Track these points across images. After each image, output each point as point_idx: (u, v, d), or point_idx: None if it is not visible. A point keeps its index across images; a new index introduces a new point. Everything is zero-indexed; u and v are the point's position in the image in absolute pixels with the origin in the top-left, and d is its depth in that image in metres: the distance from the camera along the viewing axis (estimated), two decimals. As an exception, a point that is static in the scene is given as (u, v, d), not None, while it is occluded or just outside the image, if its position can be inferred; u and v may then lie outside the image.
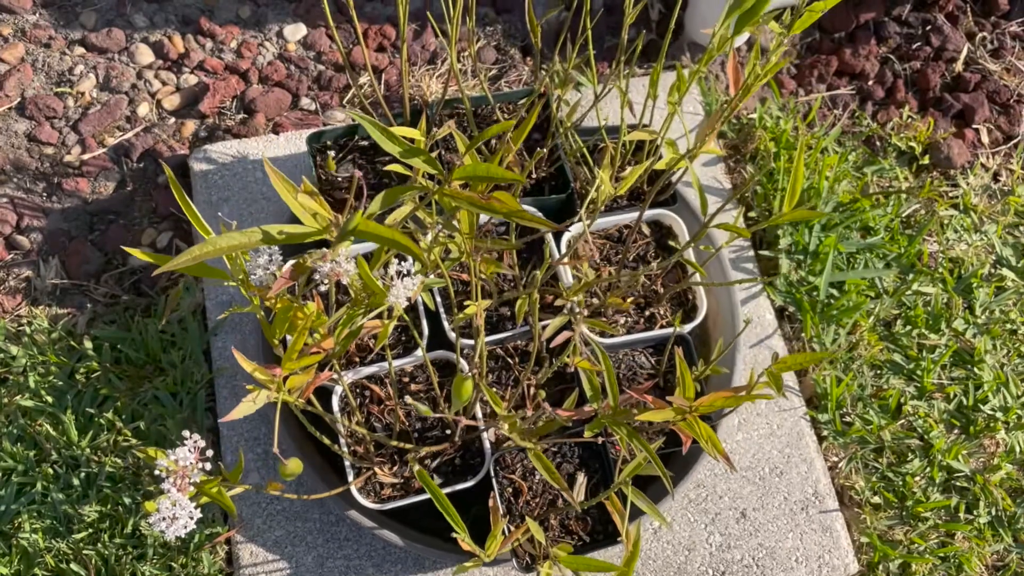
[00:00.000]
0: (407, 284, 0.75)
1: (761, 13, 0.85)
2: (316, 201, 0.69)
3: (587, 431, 0.78)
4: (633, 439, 0.77)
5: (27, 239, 1.38)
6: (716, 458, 0.73)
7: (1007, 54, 1.65)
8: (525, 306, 0.85)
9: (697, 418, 0.76)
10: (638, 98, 1.47)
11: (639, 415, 0.74)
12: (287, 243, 0.70)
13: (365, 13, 1.59)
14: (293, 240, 0.70)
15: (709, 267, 1.31)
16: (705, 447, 0.75)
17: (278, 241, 0.69)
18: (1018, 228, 1.49)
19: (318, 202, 0.70)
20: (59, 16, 1.55)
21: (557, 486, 0.82)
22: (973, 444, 1.32)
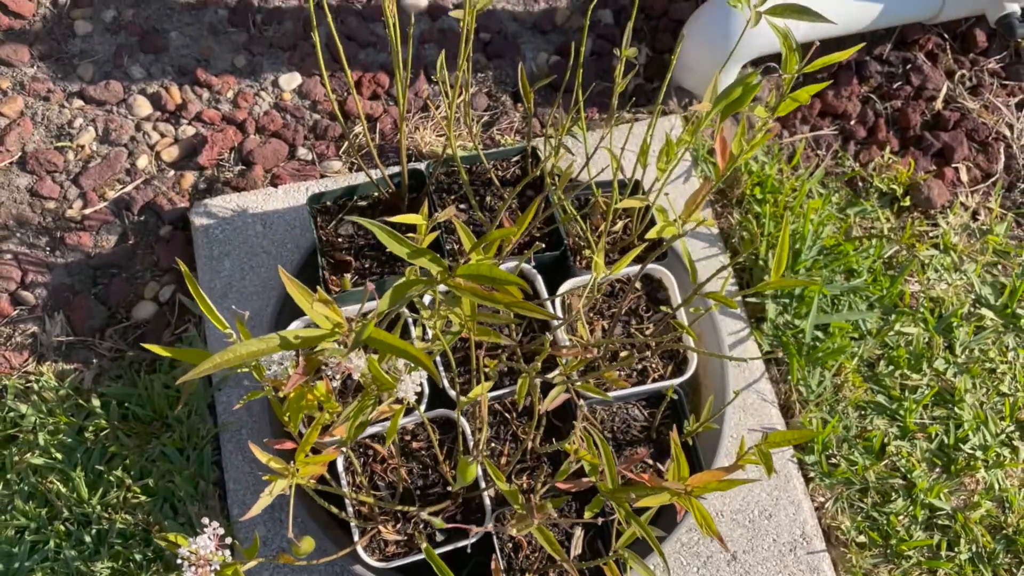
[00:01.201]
0: (414, 378, 0.79)
1: (746, 104, 0.89)
2: (330, 308, 0.73)
3: (587, 511, 0.82)
4: (631, 518, 0.81)
5: (32, 295, 1.41)
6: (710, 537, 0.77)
7: (985, 91, 1.69)
8: (526, 386, 0.89)
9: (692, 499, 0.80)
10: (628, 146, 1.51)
11: (636, 500, 0.78)
12: (302, 347, 0.74)
13: (359, 60, 1.62)
14: (308, 344, 0.74)
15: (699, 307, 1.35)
16: (701, 528, 0.79)
17: (295, 346, 0.73)
18: (996, 267, 1.54)
19: (331, 309, 0.73)
20: (57, 69, 1.57)
21: (559, 558, 0.87)
22: (954, 483, 1.37)
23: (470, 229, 1.26)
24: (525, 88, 1.18)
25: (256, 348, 0.72)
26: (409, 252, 0.79)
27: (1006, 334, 1.48)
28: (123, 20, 1.62)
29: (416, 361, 0.69)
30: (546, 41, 1.67)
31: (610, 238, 1.31)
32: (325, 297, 0.74)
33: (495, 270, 0.77)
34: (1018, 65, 1.72)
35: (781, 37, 0.88)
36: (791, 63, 0.88)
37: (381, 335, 0.71)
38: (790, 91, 0.92)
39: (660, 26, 1.69)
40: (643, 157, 1.13)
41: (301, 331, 0.73)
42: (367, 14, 1.66)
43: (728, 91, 0.89)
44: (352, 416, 0.81)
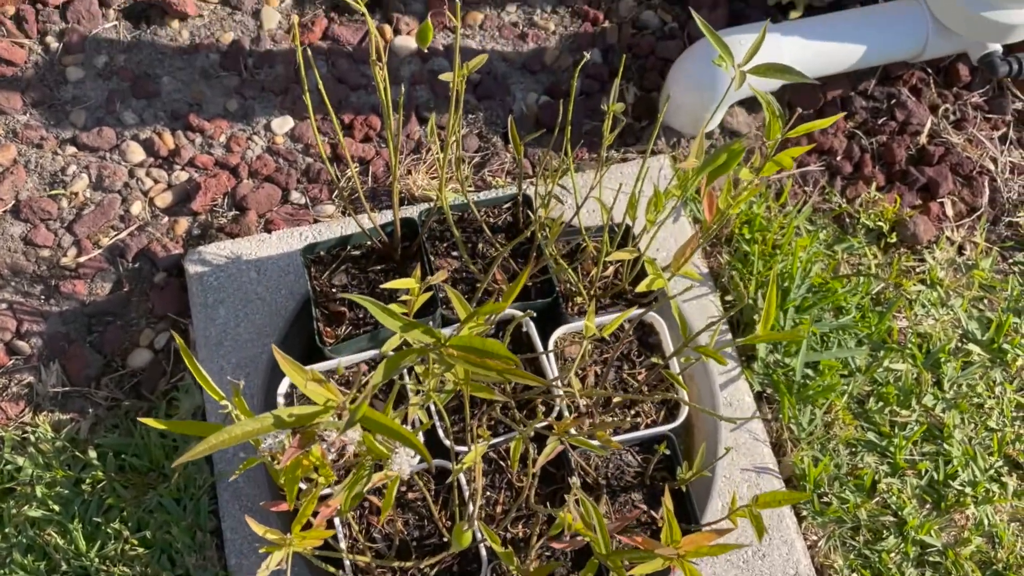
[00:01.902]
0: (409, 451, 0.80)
1: (731, 168, 0.91)
2: (325, 387, 0.74)
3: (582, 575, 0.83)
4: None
5: (27, 344, 1.42)
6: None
7: (969, 125, 1.71)
8: (519, 449, 0.91)
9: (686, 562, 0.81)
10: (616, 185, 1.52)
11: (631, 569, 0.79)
12: (297, 425, 0.75)
13: (351, 103, 1.63)
14: (303, 422, 0.75)
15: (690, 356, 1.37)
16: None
17: (288, 425, 0.74)
18: (982, 301, 1.56)
19: (326, 387, 0.75)
20: (50, 115, 1.59)
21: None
22: (944, 519, 1.38)
23: (463, 278, 1.28)
24: (515, 139, 1.20)
25: (251, 428, 0.73)
26: (402, 326, 0.80)
27: (993, 369, 1.50)
28: (115, 65, 1.63)
29: (410, 445, 0.70)
30: (535, 81, 1.69)
31: (601, 283, 1.32)
32: (319, 376, 0.75)
33: (487, 343, 0.78)
34: (1001, 99, 1.74)
35: (765, 104, 0.90)
36: (774, 129, 0.90)
37: (375, 415, 0.73)
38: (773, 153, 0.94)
39: (647, 65, 1.71)
40: (632, 211, 1.15)
41: (295, 409, 0.75)
42: (358, 56, 1.68)
43: (714, 157, 0.91)
44: (348, 487, 0.82)
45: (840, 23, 1.52)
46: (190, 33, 1.67)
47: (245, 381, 1.36)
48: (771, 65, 0.97)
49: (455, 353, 0.80)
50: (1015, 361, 1.50)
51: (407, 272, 1.28)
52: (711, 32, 0.97)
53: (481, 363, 0.80)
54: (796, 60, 1.49)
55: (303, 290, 1.41)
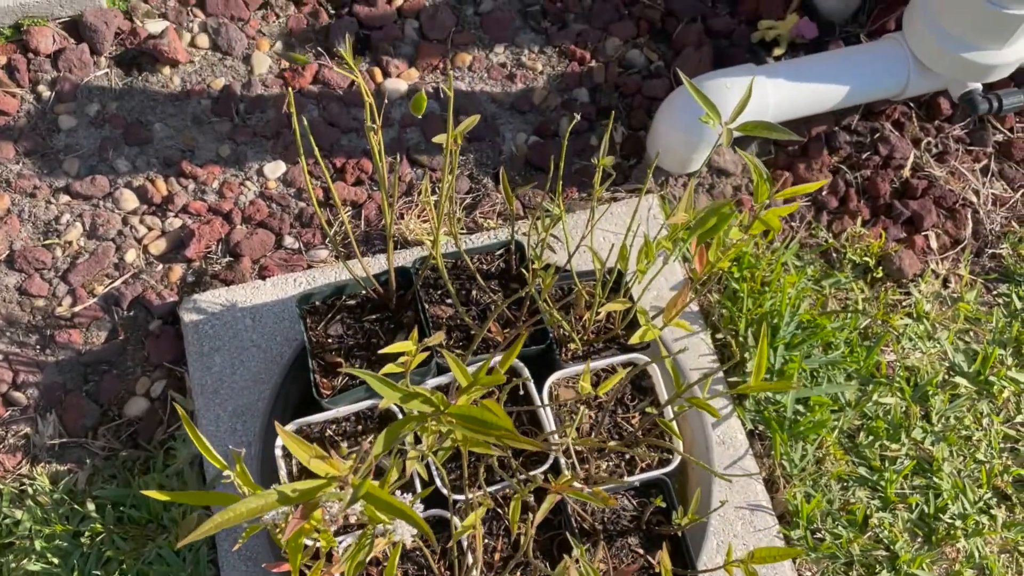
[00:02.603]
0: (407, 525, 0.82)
1: (721, 230, 0.93)
2: (327, 463, 0.76)
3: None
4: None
5: (24, 395, 1.42)
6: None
7: (951, 158, 1.74)
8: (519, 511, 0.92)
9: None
10: (607, 225, 1.54)
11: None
12: (300, 500, 0.76)
13: (342, 146, 1.65)
14: (306, 498, 0.76)
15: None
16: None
17: (293, 501, 0.75)
18: (968, 333, 1.59)
19: (329, 463, 0.76)
20: (42, 164, 1.59)
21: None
22: (935, 552, 1.40)
23: (457, 326, 1.29)
24: (506, 189, 1.22)
25: (255, 506, 0.74)
26: (402, 396, 0.81)
27: (980, 401, 1.52)
28: (107, 113, 1.64)
29: (414, 524, 0.72)
30: (524, 121, 1.71)
31: (594, 327, 1.34)
32: (321, 452, 0.76)
33: (486, 413, 0.79)
34: (982, 131, 1.77)
35: (752, 166, 0.92)
36: (762, 193, 0.92)
37: (378, 492, 0.74)
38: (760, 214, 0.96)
39: (634, 104, 1.73)
40: (623, 262, 1.17)
41: (299, 485, 0.76)
42: (348, 100, 1.69)
43: (704, 219, 0.93)
44: (351, 557, 0.83)
45: (823, 64, 1.55)
46: (181, 79, 1.69)
47: (242, 428, 1.37)
48: (757, 123, 0.99)
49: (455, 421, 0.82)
50: (1001, 393, 1.53)
51: (402, 321, 1.30)
52: (699, 93, 0.99)
53: (481, 430, 0.82)
54: (781, 101, 1.51)
55: (298, 336, 1.42)
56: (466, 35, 1.78)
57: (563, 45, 1.79)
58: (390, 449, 0.79)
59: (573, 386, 1.31)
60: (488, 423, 0.79)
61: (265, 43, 1.73)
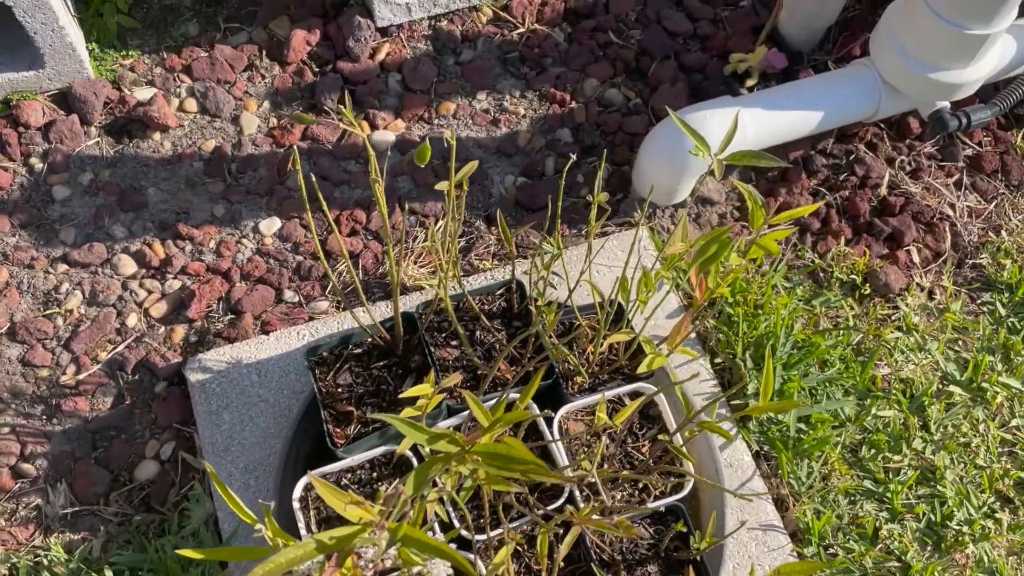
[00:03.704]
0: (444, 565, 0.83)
1: (722, 257, 0.97)
2: (363, 508, 0.77)
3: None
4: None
5: (32, 466, 1.42)
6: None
7: (924, 175, 1.80)
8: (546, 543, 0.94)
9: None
10: (601, 260, 1.58)
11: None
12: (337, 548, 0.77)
13: (335, 198, 1.68)
14: (343, 544, 0.78)
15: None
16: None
17: (330, 549, 0.77)
18: (957, 343, 1.63)
19: (364, 509, 0.78)
20: (39, 235, 1.61)
21: None
22: (946, 560, 1.43)
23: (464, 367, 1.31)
24: (503, 228, 1.25)
25: (295, 556, 0.76)
26: (428, 438, 0.83)
27: (975, 408, 1.56)
28: (100, 181, 1.66)
29: (456, 563, 0.73)
30: (511, 164, 1.75)
31: (598, 359, 1.37)
32: (357, 499, 0.78)
33: (511, 450, 0.81)
34: (952, 147, 1.84)
35: (747, 194, 0.96)
36: (758, 218, 0.96)
37: (415, 534, 0.76)
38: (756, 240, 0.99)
39: (616, 140, 1.78)
40: (624, 293, 1.20)
41: (335, 532, 0.77)
42: (338, 154, 1.73)
43: (705, 248, 0.96)
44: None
45: (797, 93, 1.61)
46: (172, 144, 1.71)
47: (255, 484, 1.37)
48: (745, 153, 1.03)
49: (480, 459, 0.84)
50: (995, 399, 1.57)
51: (409, 366, 1.32)
52: (688, 128, 1.04)
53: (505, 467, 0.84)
54: (760, 130, 1.56)
55: (305, 389, 1.43)
56: (448, 84, 1.83)
57: (543, 88, 1.84)
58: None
59: (582, 419, 1.33)
60: (514, 458, 0.81)
61: (253, 104, 1.77)
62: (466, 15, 1.90)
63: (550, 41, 1.90)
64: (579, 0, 1.94)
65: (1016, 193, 1.81)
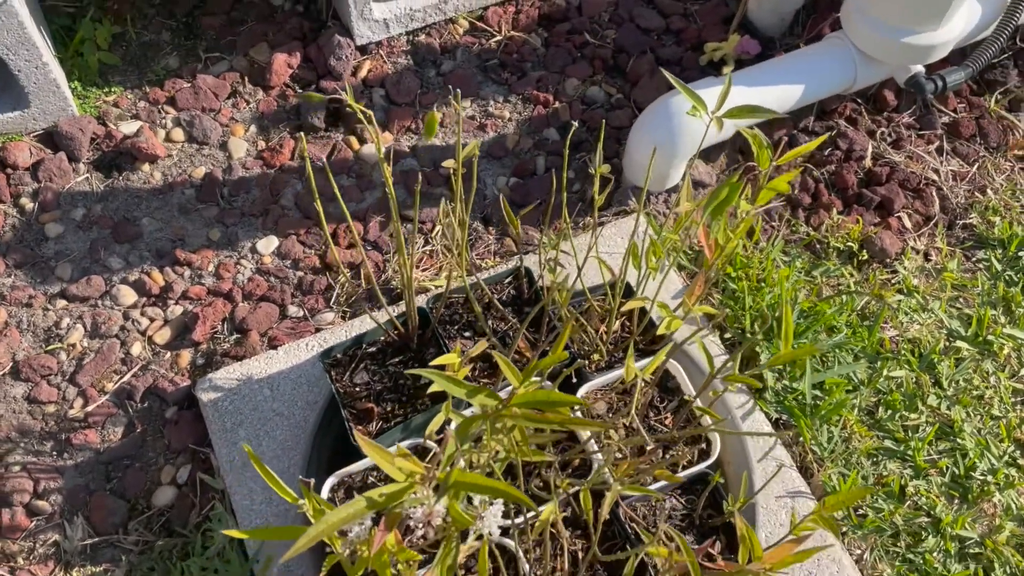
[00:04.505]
0: (495, 511, 0.82)
1: (733, 202, 0.98)
2: (411, 461, 0.77)
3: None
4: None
5: (47, 503, 1.39)
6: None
7: (906, 144, 1.84)
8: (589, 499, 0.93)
9: None
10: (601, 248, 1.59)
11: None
12: (388, 504, 0.76)
13: (329, 213, 1.68)
14: (393, 500, 0.77)
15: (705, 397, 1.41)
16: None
17: (380, 505, 0.76)
18: (958, 300, 1.65)
19: (412, 462, 0.77)
20: (35, 274, 1.59)
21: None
22: (974, 510, 1.43)
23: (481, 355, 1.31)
24: (510, 217, 1.26)
25: (346, 514, 0.74)
26: (467, 392, 0.83)
27: (983, 361, 1.57)
28: (92, 216, 1.66)
29: (513, 499, 0.72)
30: (502, 166, 1.77)
31: (612, 337, 1.37)
32: (404, 451, 0.77)
33: (552, 394, 0.81)
34: (928, 116, 1.87)
35: (751, 137, 0.97)
36: (763, 159, 0.97)
37: (468, 477, 0.75)
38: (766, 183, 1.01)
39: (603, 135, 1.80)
40: (635, 259, 1.21)
41: (385, 489, 0.76)
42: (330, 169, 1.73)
43: (716, 193, 0.97)
44: (441, 561, 0.83)
45: (778, 69, 1.64)
46: (162, 173, 1.71)
47: (277, 497, 1.35)
48: (742, 107, 1.05)
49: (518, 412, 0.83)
50: (1002, 350, 1.58)
51: (425, 359, 1.31)
52: (684, 87, 1.05)
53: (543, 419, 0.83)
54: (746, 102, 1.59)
55: (320, 399, 1.42)
56: (432, 95, 1.85)
57: (525, 92, 1.86)
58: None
59: (602, 398, 1.33)
60: (554, 400, 0.80)
61: (240, 129, 1.77)
62: (443, 27, 1.93)
63: (528, 46, 1.93)
64: (552, 5, 1.98)
65: (996, 154, 1.85)
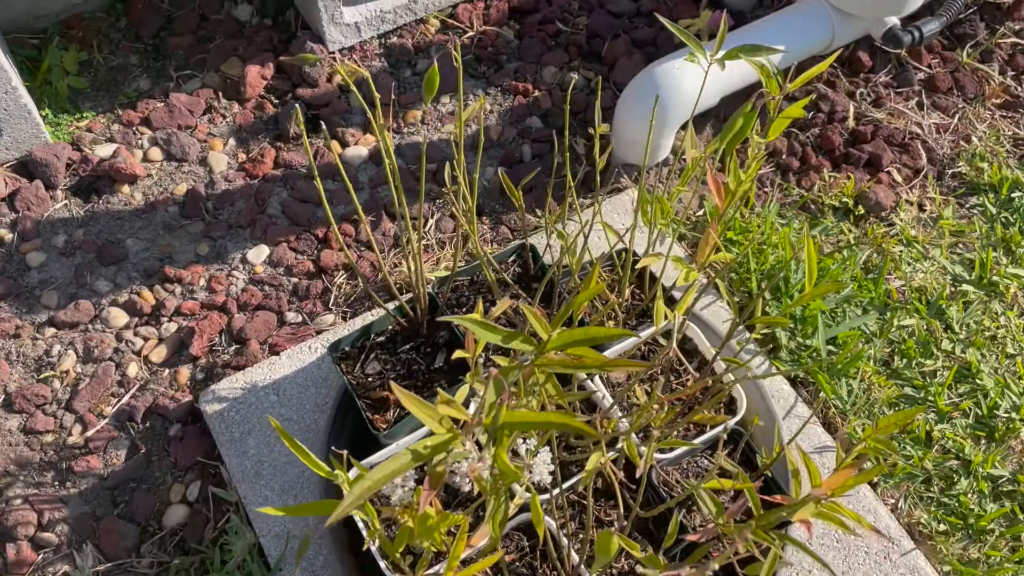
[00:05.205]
0: (543, 458, 0.79)
1: (748, 132, 0.96)
2: (455, 408, 0.73)
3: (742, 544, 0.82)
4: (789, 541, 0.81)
5: (53, 534, 1.33)
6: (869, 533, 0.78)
7: (886, 101, 1.85)
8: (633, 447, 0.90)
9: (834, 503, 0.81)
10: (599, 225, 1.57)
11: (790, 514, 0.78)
12: (434, 455, 0.73)
13: (319, 218, 1.65)
14: (439, 450, 0.73)
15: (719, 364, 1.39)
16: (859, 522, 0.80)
17: (426, 457, 0.72)
18: (958, 246, 1.65)
19: (455, 408, 0.73)
20: (19, 304, 1.54)
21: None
22: (1003, 448, 1.41)
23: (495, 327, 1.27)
24: (510, 189, 1.24)
25: (393, 468, 0.71)
26: (503, 337, 0.80)
27: (991, 302, 1.57)
28: (75, 241, 1.61)
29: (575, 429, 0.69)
30: (488, 157, 1.75)
31: (623, 306, 1.34)
32: (447, 397, 0.74)
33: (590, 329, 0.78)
34: (904, 73, 1.89)
35: (758, 68, 0.96)
36: (773, 88, 0.96)
37: (517, 415, 0.71)
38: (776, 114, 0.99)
39: (586, 118, 1.79)
40: (644, 216, 1.19)
41: (429, 440, 0.73)
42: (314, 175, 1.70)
43: (730, 124, 0.96)
44: (492, 515, 0.79)
45: (757, 32, 1.64)
46: (142, 194, 1.67)
47: (294, 502, 1.30)
48: (742, 48, 1.04)
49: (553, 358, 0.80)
50: (1008, 290, 1.58)
51: (437, 342, 1.28)
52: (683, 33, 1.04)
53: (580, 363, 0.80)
54: (727, 73, 1.59)
55: (328, 400, 1.38)
56: (410, 95, 1.83)
57: (504, 83, 1.85)
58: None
59: (621, 366, 1.30)
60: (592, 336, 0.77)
61: (218, 143, 1.74)
62: (414, 28, 1.92)
63: (501, 39, 1.92)
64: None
65: (975, 104, 1.86)
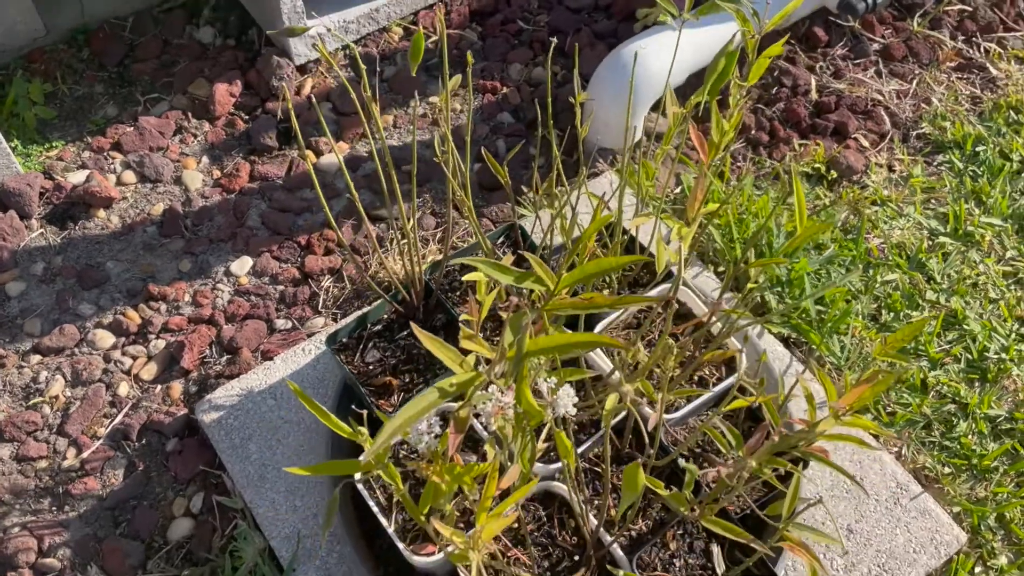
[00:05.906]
0: (568, 391, 0.79)
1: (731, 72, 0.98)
2: (477, 343, 0.73)
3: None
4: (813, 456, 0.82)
5: (55, 559, 1.29)
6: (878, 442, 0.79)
7: (845, 72, 1.89)
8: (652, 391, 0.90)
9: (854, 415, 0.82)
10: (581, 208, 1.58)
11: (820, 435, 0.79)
12: (460, 391, 0.72)
13: (300, 226, 1.64)
14: (464, 387, 0.73)
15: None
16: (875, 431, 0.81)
17: (452, 393, 0.72)
18: (930, 202, 1.68)
19: (477, 343, 0.73)
20: (1, 334, 1.51)
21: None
22: (997, 388, 1.43)
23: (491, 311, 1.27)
24: (495, 167, 1.24)
25: (423, 405, 0.71)
26: (516, 277, 0.80)
27: (969, 251, 1.60)
28: (54, 268, 1.59)
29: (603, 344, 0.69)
30: (463, 155, 1.76)
31: (615, 277, 1.35)
32: (469, 332, 0.74)
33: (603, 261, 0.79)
34: (860, 44, 1.94)
35: (734, 11, 0.98)
36: (750, 28, 0.98)
37: (542, 340, 0.72)
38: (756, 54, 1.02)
39: (556, 109, 1.81)
40: (632, 179, 1.20)
41: (455, 378, 0.73)
42: (290, 185, 1.70)
43: (713, 65, 0.98)
44: (521, 454, 0.79)
45: (716, 8, 1.68)
46: (119, 216, 1.66)
47: (302, 503, 1.28)
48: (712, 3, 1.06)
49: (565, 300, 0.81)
50: (984, 239, 1.61)
51: (435, 326, 1.27)
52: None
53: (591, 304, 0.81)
54: (698, 49, 1.62)
55: (327, 400, 1.36)
56: (380, 100, 1.84)
57: (472, 83, 1.86)
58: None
59: (617, 335, 1.30)
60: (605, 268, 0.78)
61: (191, 162, 1.73)
62: (378, 36, 1.93)
63: (465, 41, 1.94)
64: (481, 1, 2.00)
65: (931, 68, 1.91)
